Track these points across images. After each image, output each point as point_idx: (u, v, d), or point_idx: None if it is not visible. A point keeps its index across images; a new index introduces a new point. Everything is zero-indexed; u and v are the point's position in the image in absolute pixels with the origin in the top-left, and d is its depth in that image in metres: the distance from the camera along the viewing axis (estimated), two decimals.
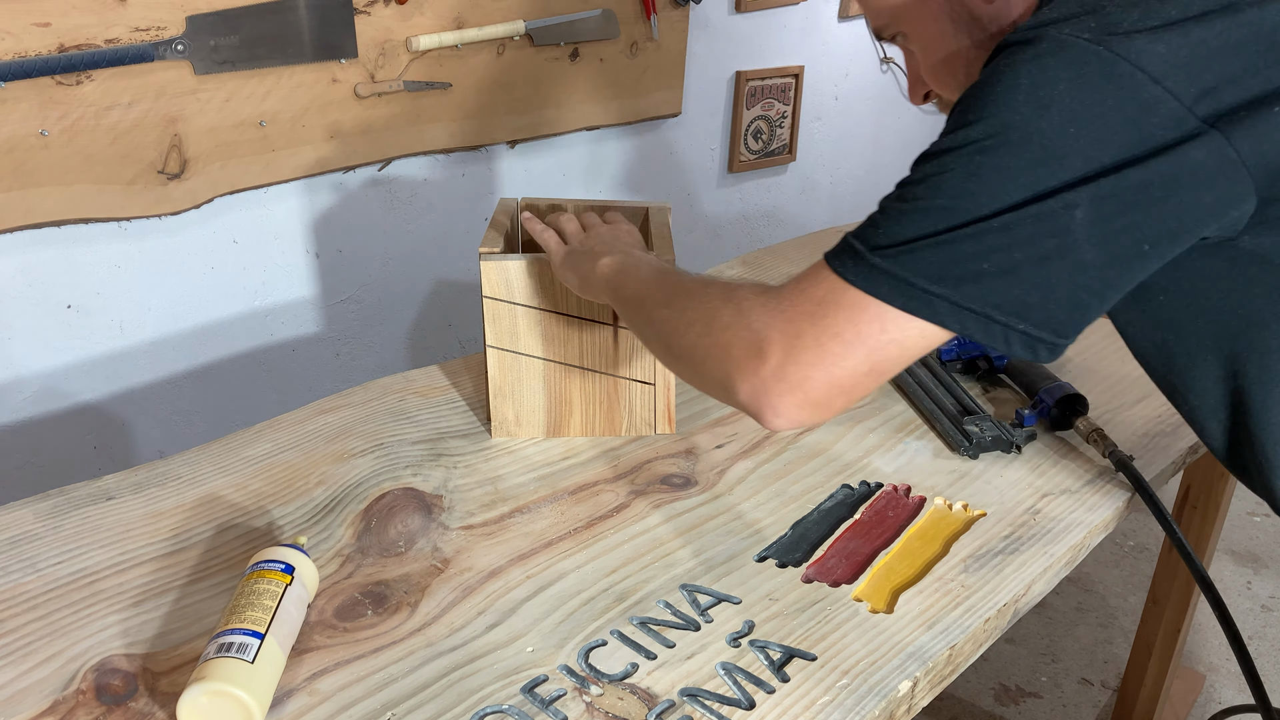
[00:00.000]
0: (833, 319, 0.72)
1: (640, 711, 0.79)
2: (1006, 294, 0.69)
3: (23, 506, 1.00)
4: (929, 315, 0.70)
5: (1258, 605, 2.31)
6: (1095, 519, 1.04)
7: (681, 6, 2.19)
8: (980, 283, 0.69)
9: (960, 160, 0.69)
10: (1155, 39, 0.66)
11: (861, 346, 0.72)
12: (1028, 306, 0.69)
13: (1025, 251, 0.68)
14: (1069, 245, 0.68)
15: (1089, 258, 0.68)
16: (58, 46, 1.40)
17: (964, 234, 0.68)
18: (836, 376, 0.73)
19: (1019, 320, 0.70)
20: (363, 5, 1.69)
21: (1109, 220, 0.68)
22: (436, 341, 2.10)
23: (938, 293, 0.69)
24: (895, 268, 0.70)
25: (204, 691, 0.73)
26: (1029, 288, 0.69)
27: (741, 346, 0.76)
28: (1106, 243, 0.68)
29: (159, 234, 1.63)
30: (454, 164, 1.97)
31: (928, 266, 0.69)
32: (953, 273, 0.69)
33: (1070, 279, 0.69)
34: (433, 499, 1.04)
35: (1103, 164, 0.66)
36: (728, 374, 0.77)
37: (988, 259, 0.68)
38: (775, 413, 0.75)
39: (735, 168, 2.52)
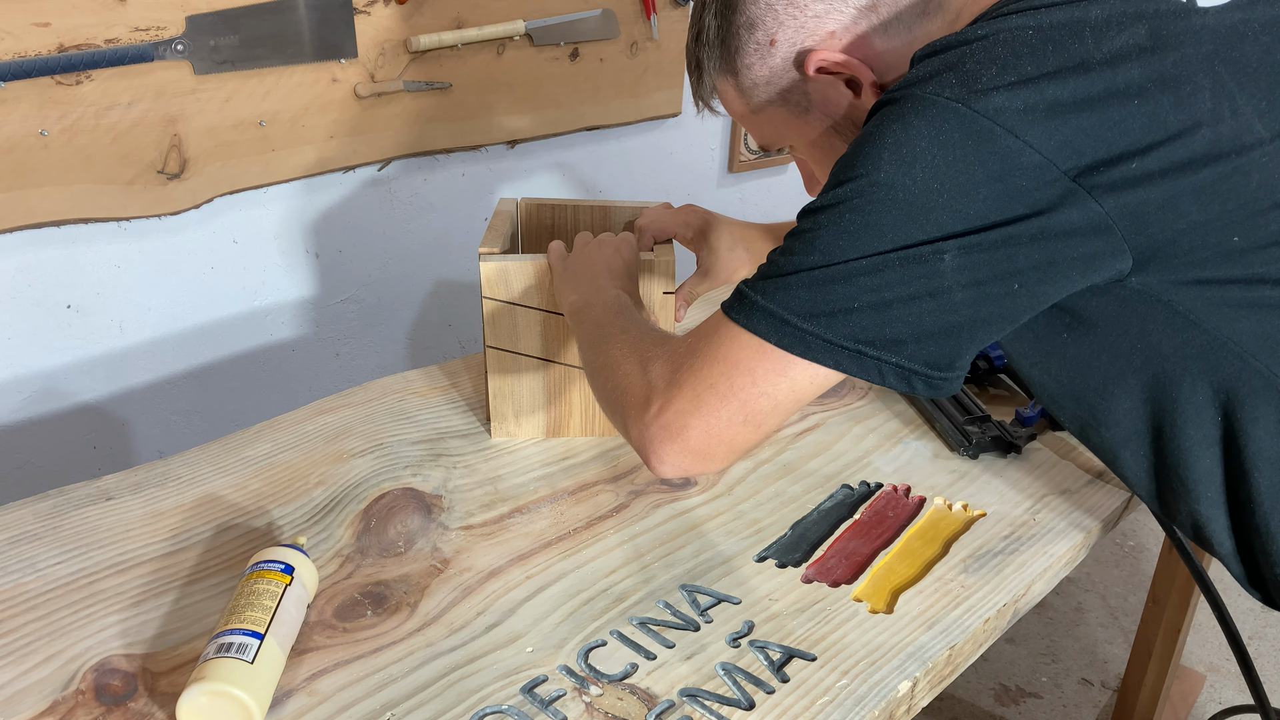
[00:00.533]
0: (709, 370, 0.75)
1: (640, 712, 0.79)
2: (879, 330, 0.71)
3: (22, 506, 1.00)
4: (803, 352, 0.72)
5: (1258, 605, 2.31)
6: (1095, 519, 1.04)
7: (681, 6, 2.19)
8: (851, 319, 0.71)
9: (832, 218, 0.71)
10: (1013, 95, 0.67)
11: (734, 398, 0.75)
12: (899, 343, 0.71)
13: (895, 291, 0.70)
14: (938, 286, 0.70)
15: (959, 298, 0.70)
16: (57, 46, 1.40)
17: (836, 274, 0.71)
18: (714, 426, 0.75)
19: (891, 354, 0.72)
20: (363, 5, 1.69)
21: (978, 267, 0.69)
22: (436, 341, 2.10)
23: (810, 330, 0.72)
24: (773, 305, 0.73)
25: (203, 691, 0.73)
26: (900, 325, 0.71)
27: (633, 394, 0.80)
28: (976, 285, 0.70)
29: (159, 234, 1.63)
30: (454, 164, 1.97)
31: (801, 304, 0.72)
32: (824, 310, 0.71)
33: (940, 317, 0.71)
34: (432, 499, 1.04)
35: (969, 219, 0.68)
36: (623, 419, 0.81)
37: (858, 298, 0.71)
38: (659, 459, 0.78)
39: (735, 168, 2.52)
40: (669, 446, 0.77)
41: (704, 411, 0.75)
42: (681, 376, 0.77)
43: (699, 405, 0.75)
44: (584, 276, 1.03)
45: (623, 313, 0.94)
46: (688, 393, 0.76)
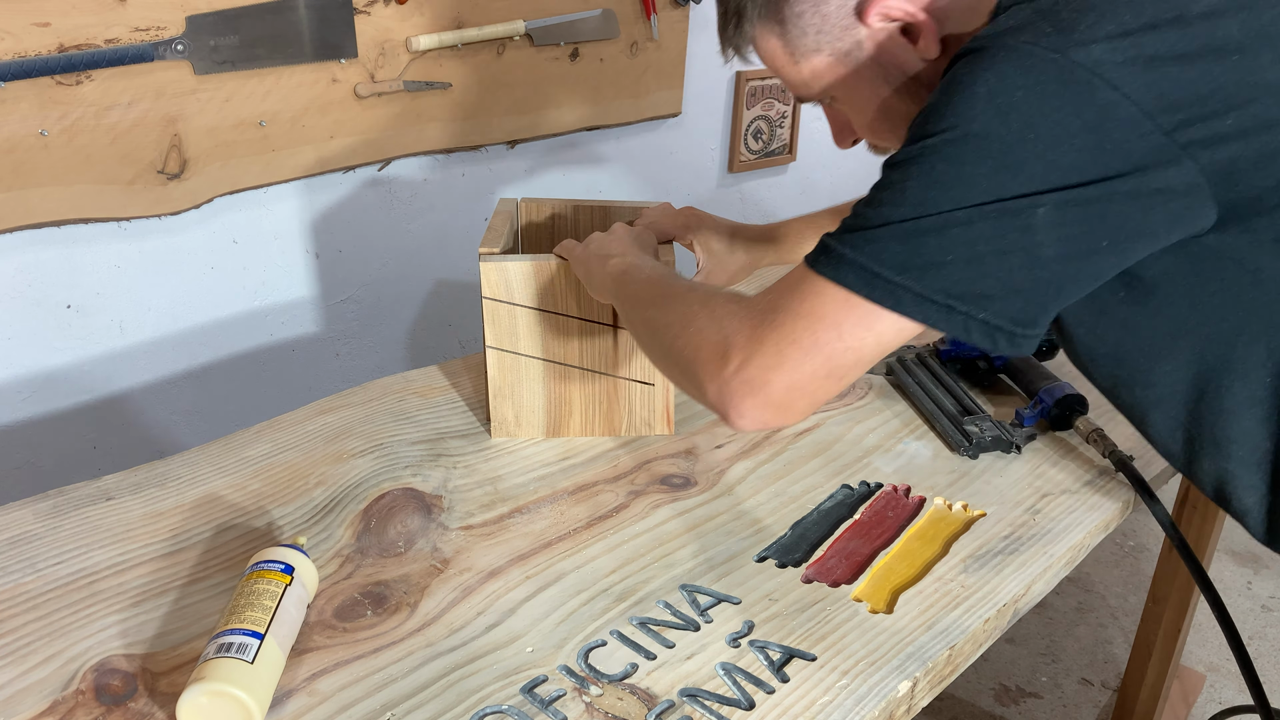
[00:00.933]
0: (792, 325, 0.75)
1: (640, 712, 0.79)
2: (970, 284, 0.71)
3: (22, 506, 1.00)
4: (893, 305, 0.72)
5: (1258, 605, 2.31)
6: (1095, 519, 1.04)
7: (681, 6, 2.19)
8: (943, 272, 0.70)
9: (923, 169, 0.71)
10: (1112, 47, 0.67)
11: (819, 352, 0.74)
12: (988, 298, 0.71)
13: (988, 245, 0.69)
14: (1031, 242, 0.69)
15: (1049, 253, 0.70)
16: (58, 46, 1.40)
17: (928, 226, 0.70)
18: (796, 380, 0.75)
19: (979, 310, 0.71)
20: (363, 5, 1.69)
21: (1071, 223, 0.69)
22: (436, 341, 2.10)
23: (901, 282, 0.71)
24: (862, 258, 0.72)
25: (204, 691, 0.73)
26: (990, 279, 0.71)
27: (709, 349, 0.79)
28: (1067, 241, 0.70)
29: (159, 234, 1.63)
30: (454, 164, 1.97)
31: (892, 257, 0.71)
32: (916, 263, 0.71)
33: (1030, 272, 0.71)
34: (432, 499, 1.04)
35: (1064, 172, 0.68)
36: (697, 375, 0.80)
37: (951, 250, 0.70)
38: (738, 414, 0.77)
39: (735, 168, 2.52)
40: (750, 401, 0.76)
41: (787, 366, 0.75)
42: (763, 332, 0.76)
43: (782, 360, 0.75)
44: (616, 248, 1.03)
45: (677, 275, 0.93)
46: (770, 348, 0.75)
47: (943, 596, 0.93)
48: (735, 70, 2.44)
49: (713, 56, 2.38)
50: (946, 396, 1.23)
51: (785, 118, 2.57)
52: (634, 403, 1.16)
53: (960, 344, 1.30)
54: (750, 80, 2.46)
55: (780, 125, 2.57)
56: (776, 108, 2.55)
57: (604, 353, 1.13)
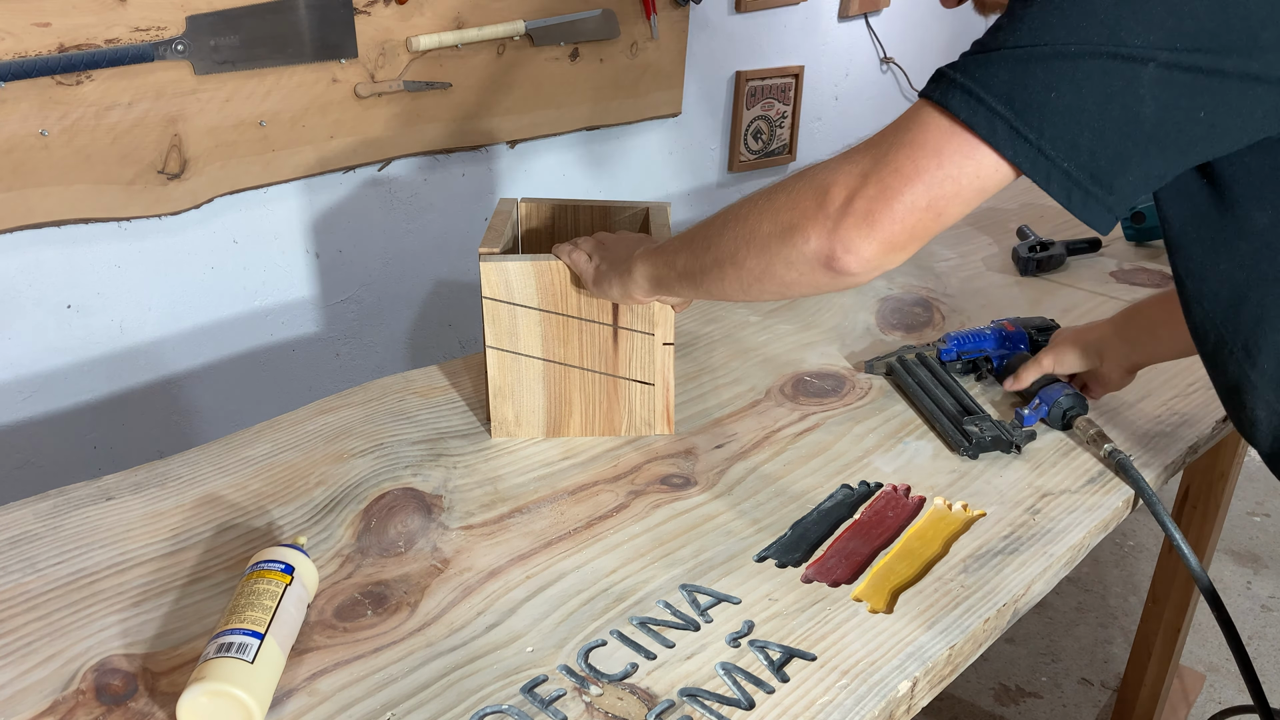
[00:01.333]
0: (895, 154, 0.75)
1: (640, 711, 0.79)
2: (1063, 129, 0.71)
3: (23, 506, 1.00)
4: (988, 134, 0.72)
5: (1258, 605, 2.31)
6: (1095, 519, 1.04)
7: (681, 6, 2.19)
8: (1043, 112, 0.71)
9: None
10: None
11: (920, 180, 0.74)
12: (1078, 147, 0.71)
13: (1092, 89, 0.70)
14: (1133, 95, 0.69)
15: (1147, 112, 0.70)
16: (58, 46, 1.40)
17: (1038, 55, 0.70)
18: (898, 210, 0.75)
19: (1065, 159, 0.71)
20: (363, 5, 1.69)
21: (1175, 87, 0.69)
22: (436, 341, 2.10)
23: (1002, 113, 0.71)
24: (970, 82, 0.72)
25: (204, 691, 0.73)
26: (1085, 128, 0.71)
27: (809, 197, 0.79)
28: (1168, 106, 0.70)
29: (159, 234, 1.63)
30: (454, 164, 1.98)
31: (1000, 84, 0.71)
32: (1020, 95, 0.71)
33: (1124, 128, 0.71)
34: (432, 499, 1.04)
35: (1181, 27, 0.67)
36: (799, 230, 0.80)
37: (1056, 88, 0.70)
38: (845, 248, 0.77)
39: (735, 168, 2.52)
40: (857, 233, 0.76)
41: (889, 195, 0.75)
42: (864, 166, 0.76)
43: (884, 189, 0.75)
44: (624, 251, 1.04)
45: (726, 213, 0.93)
46: (872, 179, 0.75)
47: (943, 596, 0.93)
48: (735, 70, 2.44)
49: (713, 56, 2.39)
50: (946, 396, 1.23)
51: (785, 118, 2.58)
52: (634, 403, 1.16)
53: (961, 344, 1.29)
54: (750, 80, 2.46)
55: (780, 125, 2.57)
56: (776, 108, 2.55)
57: (604, 353, 1.14)
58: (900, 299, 1.52)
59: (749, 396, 1.25)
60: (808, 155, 2.66)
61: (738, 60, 2.44)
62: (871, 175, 0.76)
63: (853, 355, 1.35)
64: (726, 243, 0.89)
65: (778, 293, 0.87)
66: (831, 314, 1.47)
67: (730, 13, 2.38)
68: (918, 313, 1.48)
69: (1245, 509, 2.61)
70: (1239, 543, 2.49)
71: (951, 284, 1.58)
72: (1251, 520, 2.58)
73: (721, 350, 1.36)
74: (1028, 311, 1.47)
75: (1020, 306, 1.49)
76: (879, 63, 2.81)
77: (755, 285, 0.88)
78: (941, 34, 3.03)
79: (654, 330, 1.13)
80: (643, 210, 1.26)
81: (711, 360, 1.33)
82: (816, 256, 0.79)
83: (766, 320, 1.45)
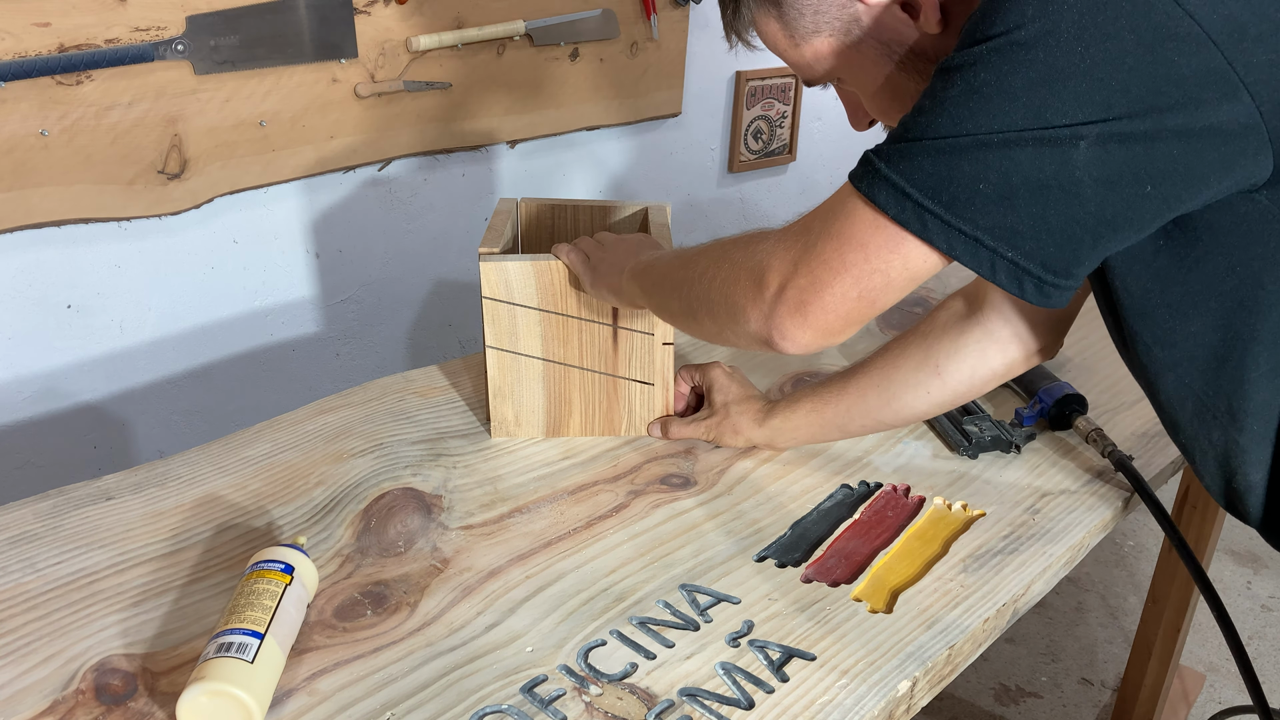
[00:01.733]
0: (823, 245, 0.75)
1: (640, 711, 0.79)
2: (1000, 219, 0.68)
3: (23, 506, 1.00)
4: (919, 230, 0.70)
5: (1258, 605, 2.31)
6: (1095, 519, 1.04)
7: (681, 6, 2.19)
8: (974, 203, 0.68)
9: (966, 79, 0.68)
10: None
11: (847, 274, 0.74)
12: (1019, 235, 0.68)
13: (1023, 176, 0.67)
14: (1069, 178, 0.66)
15: (1088, 193, 0.67)
16: (58, 46, 1.40)
17: (965, 145, 0.67)
18: (829, 303, 0.76)
19: (1008, 248, 0.69)
20: (363, 5, 1.69)
21: (1113, 160, 0.66)
22: (436, 341, 2.10)
23: (931, 208, 0.69)
24: (895, 175, 0.70)
25: (204, 691, 0.73)
26: (1022, 215, 0.68)
27: (748, 276, 0.80)
28: (1109, 183, 0.66)
29: (159, 234, 1.63)
30: (454, 164, 1.98)
31: (926, 178, 0.69)
32: (948, 187, 0.68)
33: (1065, 212, 0.68)
34: (432, 499, 1.04)
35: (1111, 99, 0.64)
36: (738, 306, 0.81)
37: (984, 179, 0.67)
38: (781, 335, 0.78)
39: (735, 168, 2.52)
40: (790, 321, 0.77)
41: (819, 286, 0.75)
42: (796, 253, 0.77)
43: (814, 280, 0.75)
44: (624, 258, 1.04)
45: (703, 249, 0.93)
46: (803, 268, 0.76)
47: (942, 596, 0.93)
48: (735, 70, 2.44)
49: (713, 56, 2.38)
50: None
51: (785, 118, 2.58)
52: (634, 402, 1.16)
53: None
54: (750, 80, 2.46)
55: (780, 125, 2.58)
56: (776, 108, 2.55)
57: (604, 352, 1.14)
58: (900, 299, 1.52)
59: None
60: (808, 155, 2.67)
61: (738, 60, 2.44)
62: (801, 265, 0.76)
63: (852, 356, 1.35)
64: (688, 299, 0.90)
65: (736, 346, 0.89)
66: None
67: None
68: (918, 313, 1.48)
69: None
70: (1239, 543, 2.49)
71: (952, 284, 1.58)
72: None
73: (721, 350, 1.36)
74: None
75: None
76: None
77: (717, 340, 0.90)
78: None
79: (653, 330, 1.13)
80: (642, 210, 1.26)
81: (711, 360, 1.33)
82: (757, 337, 0.81)
83: None
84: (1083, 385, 1.27)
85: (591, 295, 1.08)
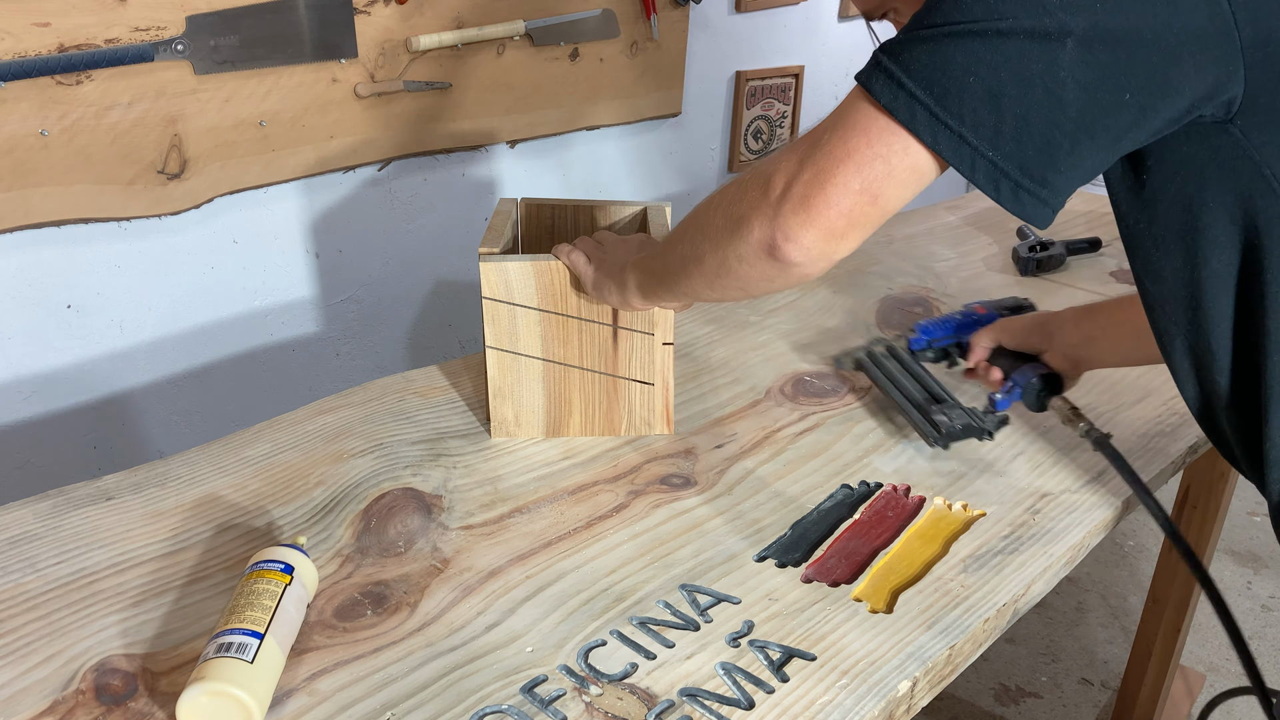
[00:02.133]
0: (829, 137, 0.75)
1: (640, 711, 0.79)
2: (984, 116, 0.69)
3: (23, 506, 1.00)
4: (908, 121, 0.71)
5: (1258, 605, 2.31)
6: (1095, 519, 1.04)
7: (681, 6, 2.19)
8: (962, 97, 0.69)
9: None
10: None
11: (850, 160, 0.73)
12: (1000, 135, 0.70)
13: (1011, 70, 0.68)
14: (1054, 78, 0.68)
15: (1070, 96, 0.68)
16: (58, 46, 1.40)
17: (959, 35, 0.69)
18: (836, 196, 0.74)
19: (989, 147, 0.70)
20: (363, 5, 1.69)
21: (1096, 63, 0.68)
22: (436, 341, 2.10)
23: (923, 99, 0.70)
24: (894, 65, 0.71)
25: (204, 691, 0.73)
26: (1006, 115, 0.69)
27: (755, 186, 0.79)
28: (1089, 88, 0.68)
29: (159, 234, 1.63)
30: (454, 164, 1.98)
31: (921, 69, 0.70)
32: (939, 79, 0.70)
33: (1047, 115, 0.69)
34: (432, 499, 1.04)
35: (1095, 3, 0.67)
36: (745, 221, 0.80)
37: (974, 72, 0.69)
38: (785, 236, 0.77)
39: (735, 168, 2.52)
40: (795, 220, 0.76)
41: (822, 179, 0.74)
42: (801, 152, 0.76)
43: (819, 174, 0.74)
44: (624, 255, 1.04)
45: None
46: (807, 163, 0.75)
47: (942, 596, 0.93)
48: (735, 70, 2.44)
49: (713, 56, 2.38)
50: (915, 387, 1.21)
51: (785, 118, 2.58)
52: (633, 402, 1.16)
53: (930, 332, 1.26)
54: (750, 80, 2.46)
55: (780, 125, 2.58)
56: (776, 108, 2.55)
57: (603, 352, 1.14)
58: (900, 299, 1.52)
59: (749, 396, 1.25)
60: None
61: (738, 60, 2.44)
62: (807, 160, 0.75)
63: (847, 355, 1.35)
64: (688, 241, 0.89)
65: (739, 288, 0.87)
66: (831, 314, 1.47)
67: (730, 13, 2.38)
68: (917, 313, 1.48)
69: (1245, 509, 2.61)
70: (1239, 543, 2.49)
71: (951, 284, 1.58)
72: (1252, 520, 2.58)
73: (721, 350, 1.36)
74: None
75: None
76: None
77: (717, 282, 0.88)
78: None
79: (653, 330, 1.13)
80: (642, 210, 1.26)
81: (711, 360, 1.33)
82: (761, 246, 0.79)
83: (766, 320, 1.45)
84: (1084, 385, 1.26)
85: (591, 295, 1.08)
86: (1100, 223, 1.83)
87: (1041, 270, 1.62)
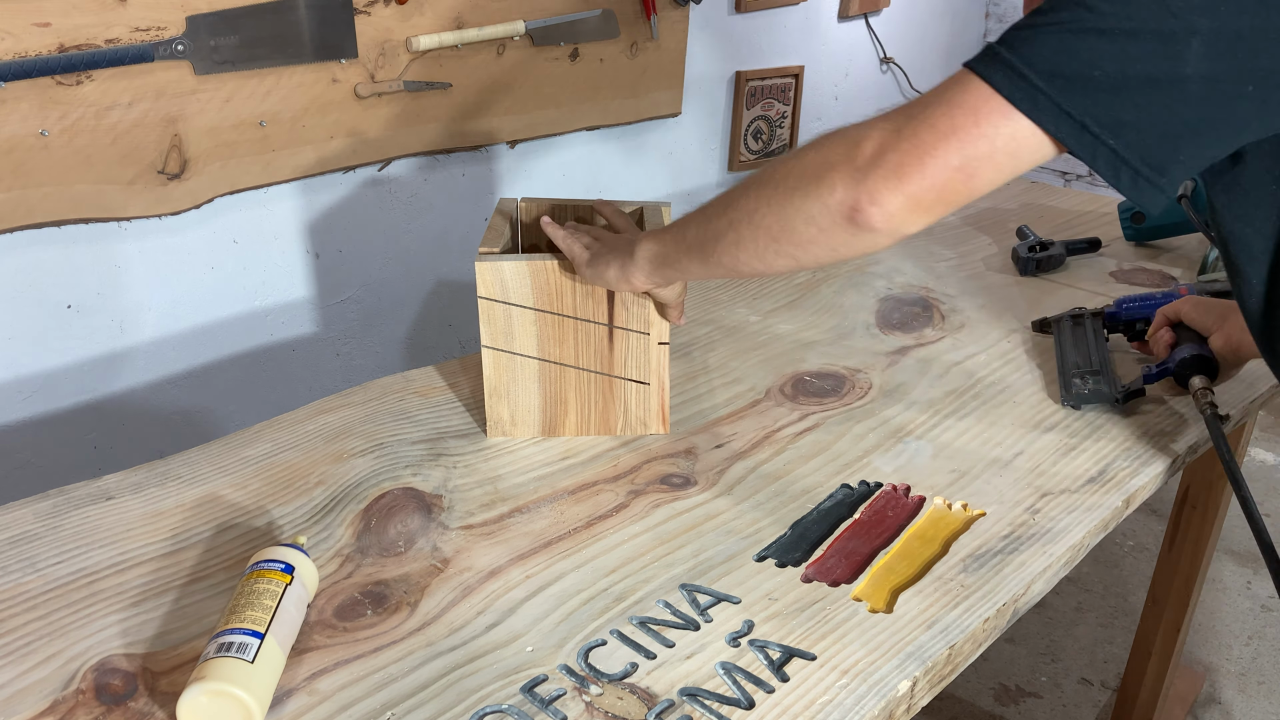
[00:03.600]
0: (932, 111, 0.74)
1: (640, 711, 0.79)
2: (1108, 108, 0.71)
3: (23, 506, 1.00)
4: (1029, 109, 0.72)
5: (1258, 605, 2.31)
6: (1095, 519, 1.04)
7: (681, 6, 2.19)
8: (1087, 89, 0.70)
9: None
10: None
11: (954, 136, 0.73)
12: (1123, 125, 0.71)
13: (1137, 68, 0.69)
14: (1179, 73, 0.69)
15: (1193, 90, 0.70)
16: (58, 46, 1.40)
17: (1084, 33, 0.70)
18: (930, 168, 0.74)
19: (1111, 136, 0.71)
20: (363, 5, 1.69)
21: (1221, 57, 0.69)
22: (436, 341, 2.10)
23: (1044, 89, 0.71)
24: (1014, 57, 0.72)
25: (204, 691, 0.73)
26: (1130, 106, 0.70)
27: (840, 149, 0.78)
28: (1214, 81, 0.69)
29: (159, 234, 1.63)
30: (454, 164, 1.98)
31: (1043, 59, 0.71)
32: (1064, 71, 0.71)
33: (1170, 107, 0.70)
34: (432, 499, 1.04)
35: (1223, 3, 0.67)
36: (825, 180, 0.78)
37: (1099, 66, 0.70)
38: (872, 199, 0.76)
39: (735, 168, 2.52)
40: (885, 185, 0.75)
41: (920, 150, 0.74)
42: (899, 122, 0.75)
43: (917, 144, 0.74)
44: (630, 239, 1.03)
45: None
46: (906, 133, 0.74)
47: (942, 596, 0.93)
48: (735, 70, 2.44)
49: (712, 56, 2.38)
50: (1078, 352, 1.26)
51: (785, 118, 2.58)
52: (629, 402, 1.16)
53: (1123, 303, 1.32)
54: (750, 80, 2.46)
55: (780, 125, 2.58)
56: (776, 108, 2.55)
57: (599, 352, 1.14)
58: (900, 299, 1.52)
59: (749, 396, 1.25)
60: None
61: (738, 60, 2.44)
62: (906, 130, 0.75)
63: (852, 355, 1.35)
64: (746, 201, 0.87)
65: (791, 257, 0.85)
66: (831, 314, 1.47)
67: (730, 13, 2.38)
68: (917, 312, 1.48)
69: None
70: (1239, 543, 2.49)
71: (951, 284, 1.58)
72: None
73: (721, 350, 1.36)
74: (1027, 310, 1.47)
75: (1020, 306, 1.49)
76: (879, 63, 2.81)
77: (770, 247, 0.85)
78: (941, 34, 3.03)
79: (649, 330, 1.13)
80: (639, 210, 1.26)
81: (711, 360, 1.33)
82: (840, 208, 0.78)
83: (766, 320, 1.45)
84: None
85: (587, 277, 1.05)
86: (1100, 223, 1.83)
87: (1041, 270, 1.62)
